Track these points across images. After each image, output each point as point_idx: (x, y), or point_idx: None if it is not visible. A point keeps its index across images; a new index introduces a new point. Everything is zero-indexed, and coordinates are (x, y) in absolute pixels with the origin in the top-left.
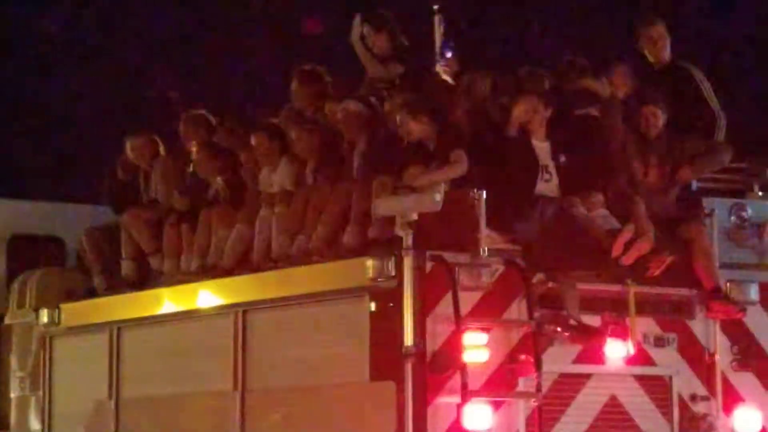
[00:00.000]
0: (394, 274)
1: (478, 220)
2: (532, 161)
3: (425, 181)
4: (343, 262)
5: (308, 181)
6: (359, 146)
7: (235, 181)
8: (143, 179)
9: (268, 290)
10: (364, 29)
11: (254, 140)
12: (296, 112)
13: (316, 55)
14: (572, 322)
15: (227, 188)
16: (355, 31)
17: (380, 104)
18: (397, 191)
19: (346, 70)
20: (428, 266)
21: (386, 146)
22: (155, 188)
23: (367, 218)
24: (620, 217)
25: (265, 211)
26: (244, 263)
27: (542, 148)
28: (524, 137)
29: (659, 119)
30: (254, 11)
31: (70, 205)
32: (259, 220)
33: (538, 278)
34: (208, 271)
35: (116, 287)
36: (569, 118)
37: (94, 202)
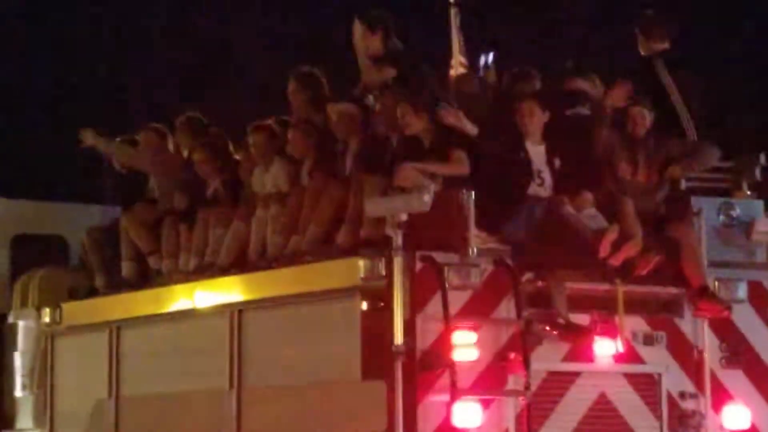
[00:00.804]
0: (384, 273)
1: (467, 220)
2: (525, 165)
3: (425, 172)
4: (334, 262)
5: (303, 181)
6: (352, 147)
7: (233, 180)
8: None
9: (262, 290)
10: (360, 29)
11: (251, 139)
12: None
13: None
14: (561, 320)
15: (225, 188)
16: (356, 32)
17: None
18: (387, 192)
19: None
20: (418, 266)
21: (379, 146)
22: (155, 187)
23: (360, 218)
24: (609, 216)
25: (261, 211)
26: (240, 262)
27: (537, 152)
28: (518, 139)
29: (646, 119)
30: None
31: (73, 204)
32: (255, 220)
33: (526, 277)
34: (205, 270)
35: (117, 287)
36: (560, 117)
37: (96, 200)
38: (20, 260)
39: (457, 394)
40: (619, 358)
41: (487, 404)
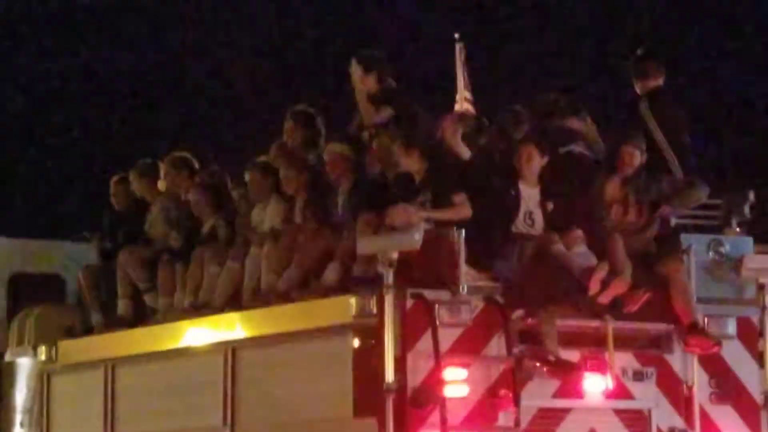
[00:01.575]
0: (375, 311)
1: (457, 257)
2: (514, 204)
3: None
4: (327, 300)
5: (297, 219)
6: (344, 186)
7: (228, 219)
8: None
9: (256, 328)
10: (357, 70)
11: (247, 177)
12: (286, 149)
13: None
14: (551, 357)
15: (220, 227)
16: (354, 72)
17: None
18: (378, 230)
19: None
20: (409, 303)
21: (371, 185)
22: (151, 225)
23: (350, 256)
24: (599, 253)
25: (255, 249)
26: (234, 301)
27: (531, 195)
28: (511, 180)
29: (637, 158)
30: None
31: (69, 243)
32: (248, 259)
33: (517, 314)
34: (199, 308)
35: (113, 324)
36: (553, 155)
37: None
38: (18, 299)
39: (447, 430)
40: (609, 394)
41: None
